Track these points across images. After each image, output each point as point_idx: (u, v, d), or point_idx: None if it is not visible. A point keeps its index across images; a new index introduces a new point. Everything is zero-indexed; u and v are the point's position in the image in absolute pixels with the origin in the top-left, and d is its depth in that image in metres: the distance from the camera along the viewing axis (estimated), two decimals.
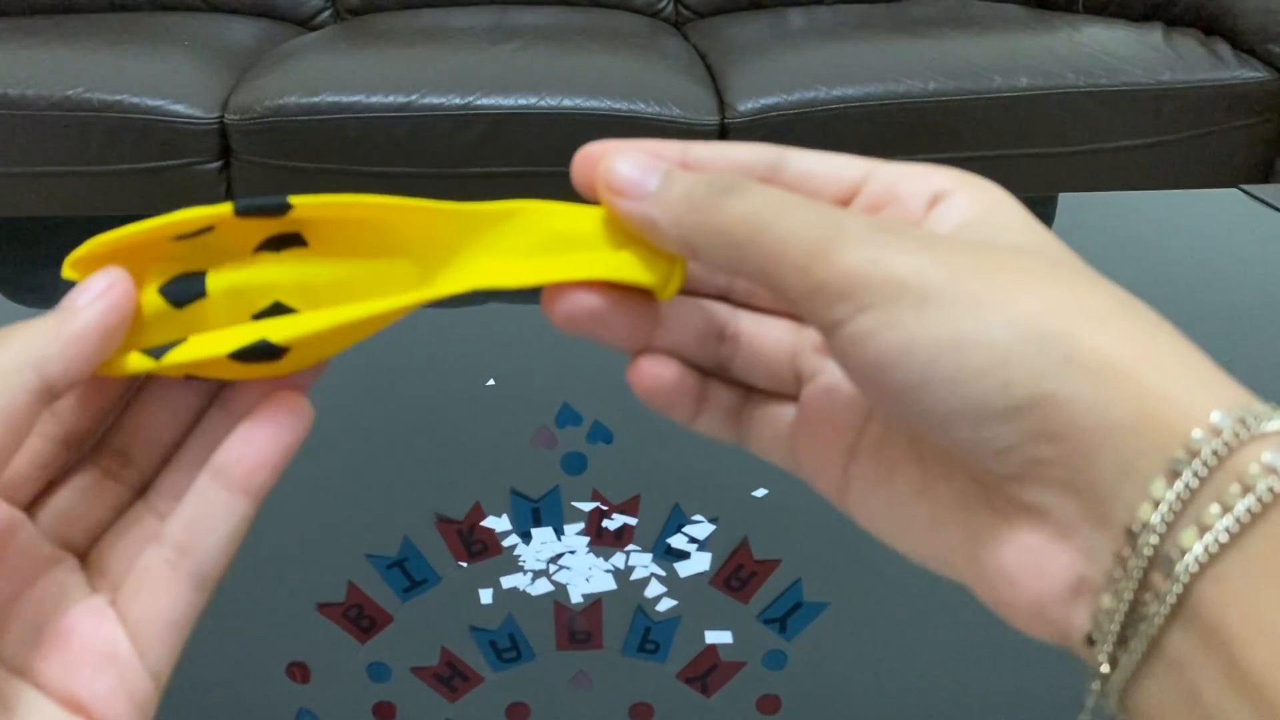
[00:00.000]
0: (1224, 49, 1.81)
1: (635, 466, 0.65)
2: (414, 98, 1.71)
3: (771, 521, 0.61)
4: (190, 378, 0.28)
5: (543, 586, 0.57)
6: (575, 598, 0.56)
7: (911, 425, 0.23)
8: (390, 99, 1.71)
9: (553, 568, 0.58)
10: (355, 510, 0.63)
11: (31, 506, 0.27)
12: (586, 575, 0.58)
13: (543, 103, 1.71)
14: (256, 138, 1.72)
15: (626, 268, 0.26)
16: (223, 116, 1.73)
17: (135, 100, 1.71)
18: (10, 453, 0.25)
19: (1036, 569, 0.22)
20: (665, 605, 0.56)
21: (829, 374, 0.27)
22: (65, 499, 0.28)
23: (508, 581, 0.57)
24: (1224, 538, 0.19)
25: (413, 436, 0.69)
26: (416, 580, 0.57)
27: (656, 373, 0.27)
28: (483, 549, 0.59)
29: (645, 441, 0.67)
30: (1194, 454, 0.20)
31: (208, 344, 0.26)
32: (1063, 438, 0.21)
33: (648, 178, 0.26)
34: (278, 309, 0.27)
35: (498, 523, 0.61)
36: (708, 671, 0.53)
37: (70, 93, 1.70)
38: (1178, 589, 0.20)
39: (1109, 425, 0.20)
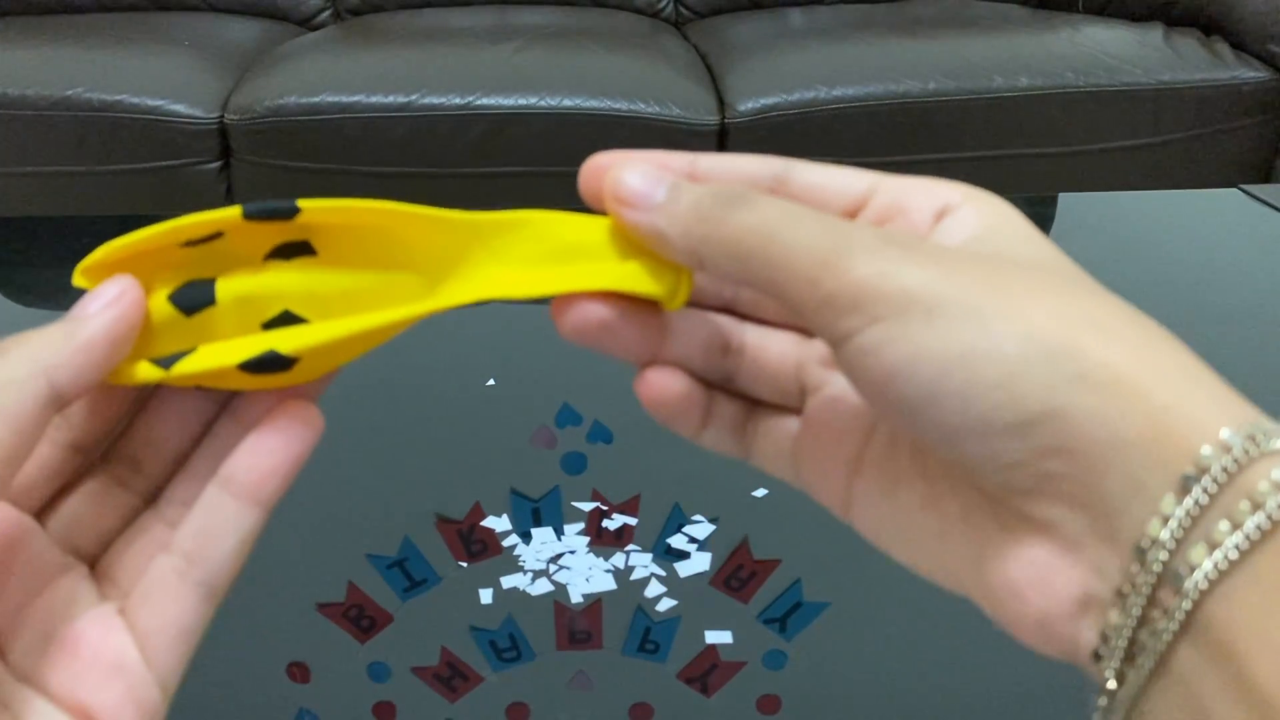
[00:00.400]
0: (1224, 49, 1.81)
1: (635, 466, 0.65)
2: (414, 98, 1.71)
3: (771, 521, 0.61)
4: (200, 388, 0.28)
5: (543, 586, 0.57)
6: (575, 598, 0.56)
7: (919, 438, 0.23)
8: (390, 99, 1.71)
9: (553, 568, 0.58)
10: (355, 510, 0.63)
11: (41, 513, 0.27)
12: (586, 575, 0.58)
13: (543, 103, 1.71)
14: (256, 138, 1.72)
15: (634, 278, 0.26)
16: (223, 116, 1.73)
17: (135, 100, 1.71)
18: (20, 459, 0.25)
19: (1043, 584, 0.22)
20: (665, 605, 0.56)
21: (833, 386, 0.27)
22: (75, 506, 0.28)
23: (508, 581, 0.57)
24: (1234, 555, 0.19)
25: (413, 436, 0.69)
26: (416, 580, 0.57)
27: (664, 384, 0.27)
28: (483, 549, 0.59)
29: (645, 441, 0.67)
30: (1204, 470, 0.20)
31: (217, 354, 0.26)
32: (1072, 453, 0.21)
33: (655, 189, 0.26)
34: (287, 317, 0.28)
35: (498, 523, 0.61)
36: (708, 671, 0.53)
37: (70, 93, 1.70)
38: (1187, 605, 0.20)
39: (1119, 441, 0.20)
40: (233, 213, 0.27)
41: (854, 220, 0.26)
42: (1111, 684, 0.21)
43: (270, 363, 0.26)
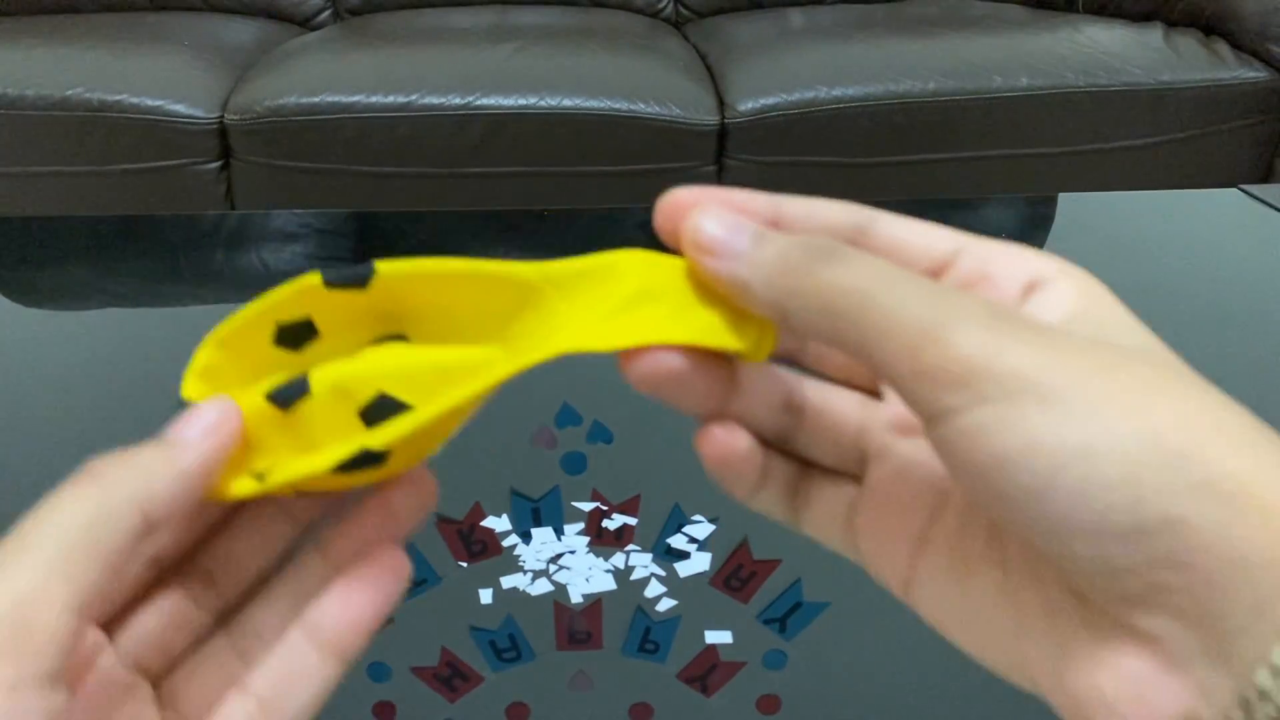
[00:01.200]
0: (1224, 49, 1.81)
1: (635, 466, 0.65)
2: (414, 98, 1.71)
3: (771, 521, 0.61)
4: (301, 494, 0.28)
5: (543, 586, 0.57)
6: (575, 598, 0.56)
7: (1020, 531, 0.22)
8: (390, 99, 1.71)
9: (553, 568, 0.58)
10: None
11: (110, 626, 0.26)
12: (586, 575, 0.58)
13: (543, 103, 1.71)
14: (256, 138, 1.72)
15: (716, 331, 0.25)
16: (223, 116, 1.73)
17: (135, 100, 1.71)
18: (111, 595, 0.24)
19: (1139, 699, 0.20)
20: (665, 605, 0.56)
21: (900, 454, 0.26)
22: (146, 622, 0.27)
23: (508, 581, 0.57)
24: None
25: None
26: (416, 580, 0.57)
27: (729, 442, 0.26)
28: (483, 549, 0.59)
29: (645, 441, 0.67)
30: None
31: (311, 461, 0.26)
32: (1191, 566, 0.19)
33: (737, 237, 0.24)
34: (383, 400, 0.27)
35: (498, 523, 0.61)
36: (708, 671, 0.53)
37: (70, 93, 1.70)
38: None
39: (1242, 558, 0.19)
40: (312, 280, 0.27)
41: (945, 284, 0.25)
42: None
43: (364, 460, 0.25)
